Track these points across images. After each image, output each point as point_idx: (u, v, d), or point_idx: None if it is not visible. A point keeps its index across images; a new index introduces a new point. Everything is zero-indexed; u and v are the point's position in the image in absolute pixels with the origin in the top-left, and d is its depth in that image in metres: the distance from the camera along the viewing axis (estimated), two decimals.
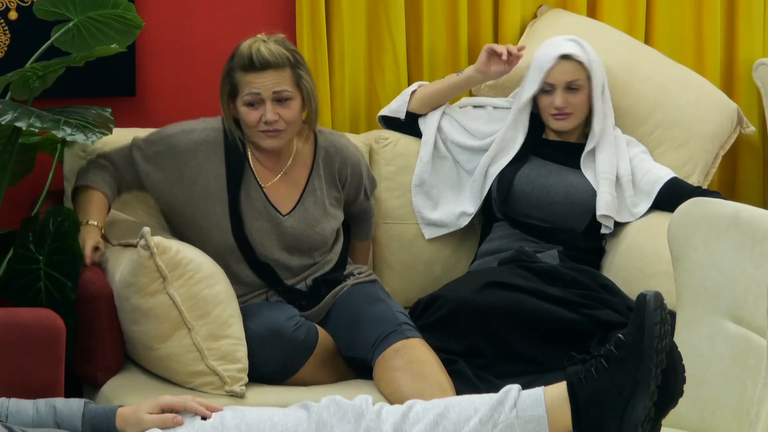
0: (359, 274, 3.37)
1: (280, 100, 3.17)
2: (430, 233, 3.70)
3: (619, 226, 3.58)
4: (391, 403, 2.88)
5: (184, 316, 2.98)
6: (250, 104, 3.17)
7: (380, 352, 3.08)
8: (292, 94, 3.19)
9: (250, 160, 3.25)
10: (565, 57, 3.59)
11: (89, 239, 3.11)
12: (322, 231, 3.28)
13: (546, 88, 3.61)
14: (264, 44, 3.17)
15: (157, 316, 2.98)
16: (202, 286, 3.00)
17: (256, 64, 3.15)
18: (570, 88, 3.59)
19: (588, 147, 3.61)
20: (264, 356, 3.05)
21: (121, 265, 3.07)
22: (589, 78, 3.59)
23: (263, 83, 3.16)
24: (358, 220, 3.50)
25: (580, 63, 3.59)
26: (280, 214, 3.24)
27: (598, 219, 3.56)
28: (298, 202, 3.27)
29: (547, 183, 3.58)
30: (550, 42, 3.65)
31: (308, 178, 3.29)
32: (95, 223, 3.17)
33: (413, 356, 3.06)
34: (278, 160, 3.27)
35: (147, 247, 2.94)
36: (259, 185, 3.24)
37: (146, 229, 2.95)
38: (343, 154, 3.35)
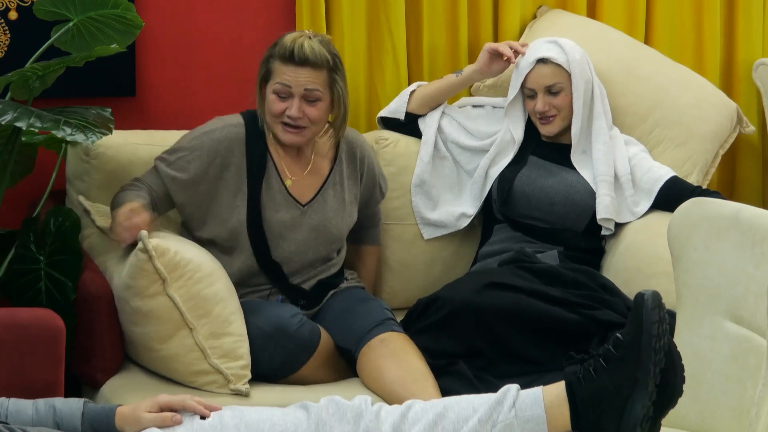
0: (351, 279, 3.41)
1: (309, 99, 3.17)
2: (428, 233, 3.70)
3: (619, 226, 3.58)
4: (375, 392, 2.91)
5: (185, 317, 2.98)
6: (278, 94, 3.17)
7: (365, 343, 3.12)
8: (322, 96, 3.18)
9: (272, 152, 3.25)
10: (542, 61, 3.59)
11: (128, 203, 3.05)
12: (338, 225, 3.29)
13: (529, 93, 3.62)
14: (308, 41, 3.17)
15: (158, 317, 2.98)
16: (202, 285, 3.00)
17: (295, 58, 3.15)
18: (551, 91, 3.59)
19: (573, 147, 3.60)
20: (267, 353, 3.06)
21: (119, 267, 3.07)
22: (570, 79, 3.59)
23: (297, 78, 3.16)
24: (367, 225, 3.50)
25: (558, 65, 3.58)
26: (300, 204, 3.25)
27: (599, 222, 3.55)
28: (318, 193, 3.28)
29: (546, 184, 3.58)
30: (531, 45, 3.65)
31: (330, 171, 3.31)
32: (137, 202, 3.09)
33: (397, 346, 3.10)
34: (300, 155, 3.27)
35: (145, 250, 2.94)
36: (280, 177, 3.24)
37: (143, 233, 2.95)
38: (362, 149, 3.38)
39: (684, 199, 2.82)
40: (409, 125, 3.73)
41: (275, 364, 3.07)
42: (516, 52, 3.62)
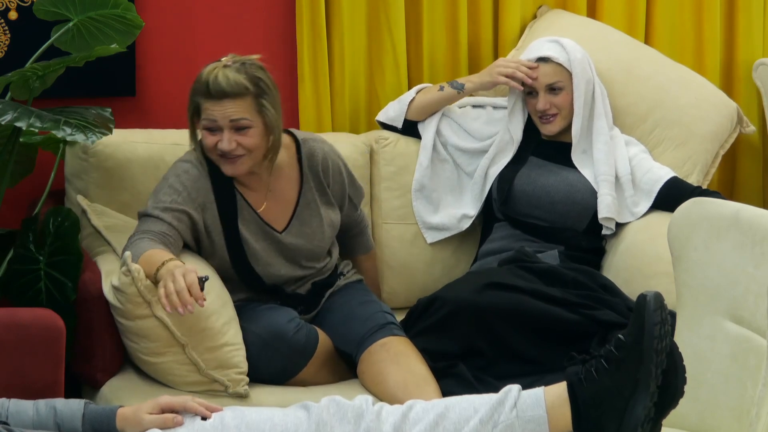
0: (348, 272, 3.38)
1: (238, 128, 3.07)
2: (431, 237, 3.70)
3: (619, 226, 3.58)
4: (376, 396, 2.91)
5: (175, 335, 2.94)
6: (208, 129, 3.09)
7: (366, 347, 3.11)
8: (252, 123, 3.08)
9: (235, 183, 3.18)
10: (543, 59, 3.59)
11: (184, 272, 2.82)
12: (320, 242, 3.26)
13: (529, 92, 3.62)
14: (223, 71, 3.05)
15: (148, 336, 2.96)
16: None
17: (212, 93, 3.05)
18: (552, 89, 3.59)
19: (573, 146, 3.61)
20: (265, 359, 3.05)
21: (109, 273, 3.04)
22: (571, 78, 3.59)
23: (221, 111, 3.05)
24: (352, 233, 3.48)
25: (559, 64, 3.58)
26: (277, 231, 3.20)
27: (600, 221, 3.55)
28: (291, 218, 3.22)
29: (547, 183, 3.59)
30: (532, 45, 3.66)
31: (299, 193, 3.24)
32: (169, 257, 2.92)
33: (398, 350, 3.09)
34: (260, 179, 3.20)
35: (128, 272, 2.88)
36: (251, 207, 3.19)
37: (127, 254, 2.89)
38: (324, 160, 3.27)
39: (684, 200, 2.81)
40: (407, 129, 3.73)
41: (273, 370, 3.06)
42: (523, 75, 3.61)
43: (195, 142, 3.18)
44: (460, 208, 3.70)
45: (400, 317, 3.31)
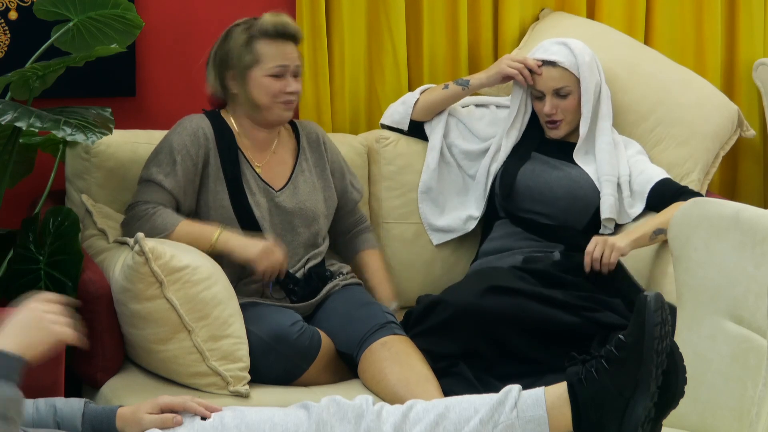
0: (347, 273, 3.40)
1: (296, 74, 3.27)
2: (437, 239, 3.70)
3: (619, 226, 3.58)
4: (377, 395, 2.91)
5: (183, 319, 2.97)
6: (275, 75, 3.23)
7: (367, 346, 3.12)
8: (302, 69, 3.32)
9: (238, 141, 3.29)
10: (551, 63, 3.58)
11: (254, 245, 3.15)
12: (314, 205, 3.32)
13: (537, 95, 3.61)
14: (281, 17, 3.24)
15: (156, 320, 2.98)
16: (200, 287, 2.99)
17: (288, 34, 3.24)
18: (559, 94, 3.58)
19: (577, 147, 3.60)
20: (268, 363, 3.05)
21: (115, 265, 3.06)
22: (578, 83, 3.58)
23: (291, 55, 3.26)
24: (357, 232, 3.52)
25: (567, 69, 3.57)
26: (273, 189, 3.28)
27: (603, 222, 3.55)
28: (288, 180, 3.32)
29: (550, 178, 3.58)
30: (540, 46, 3.64)
31: (296, 160, 3.35)
32: (218, 231, 3.18)
33: (399, 349, 3.10)
34: (264, 141, 3.33)
35: (142, 252, 2.93)
36: (251, 165, 3.28)
37: (140, 235, 2.94)
38: (323, 136, 3.44)
39: (669, 199, 2.83)
40: (413, 131, 3.73)
41: (276, 372, 3.07)
42: (531, 71, 3.60)
43: (247, 92, 3.26)
44: (465, 210, 3.69)
45: (399, 317, 3.31)
